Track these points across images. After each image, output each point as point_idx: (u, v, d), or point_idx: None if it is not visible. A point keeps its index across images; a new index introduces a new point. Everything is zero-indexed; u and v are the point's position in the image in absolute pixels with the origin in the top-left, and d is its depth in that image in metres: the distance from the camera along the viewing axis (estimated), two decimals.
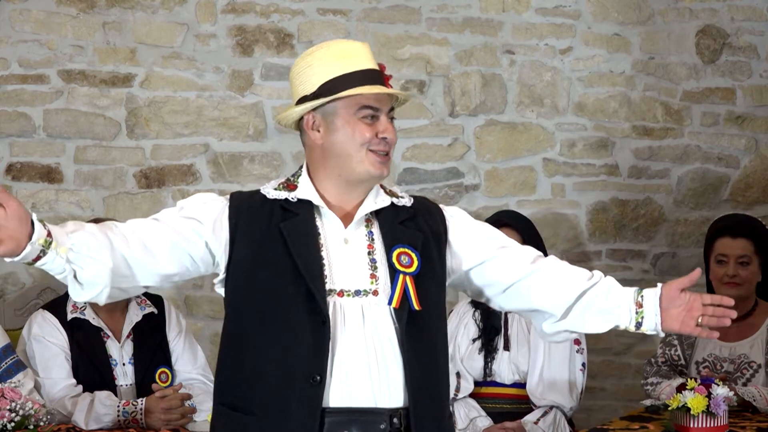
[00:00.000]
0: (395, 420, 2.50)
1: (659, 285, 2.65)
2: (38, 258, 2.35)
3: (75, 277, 2.42)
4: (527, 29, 4.95)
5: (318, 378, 2.47)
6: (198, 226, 2.55)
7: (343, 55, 2.61)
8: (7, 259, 2.32)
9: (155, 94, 4.75)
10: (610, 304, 2.68)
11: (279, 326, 2.50)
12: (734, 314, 2.61)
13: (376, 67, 2.63)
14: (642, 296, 2.66)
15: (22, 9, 4.66)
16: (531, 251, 2.77)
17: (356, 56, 2.61)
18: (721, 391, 3.51)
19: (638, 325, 2.65)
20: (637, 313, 2.65)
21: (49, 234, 2.34)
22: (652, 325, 2.64)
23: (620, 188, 5.05)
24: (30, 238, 2.31)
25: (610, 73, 5.01)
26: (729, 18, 5.05)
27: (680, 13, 5.04)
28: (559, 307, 2.70)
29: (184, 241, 2.53)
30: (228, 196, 2.64)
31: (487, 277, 2.72)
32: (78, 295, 2.45)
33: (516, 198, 4.97)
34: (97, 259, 2.41)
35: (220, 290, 2.65)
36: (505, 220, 4.26)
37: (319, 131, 2.62)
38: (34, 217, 2.34)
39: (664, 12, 5.02)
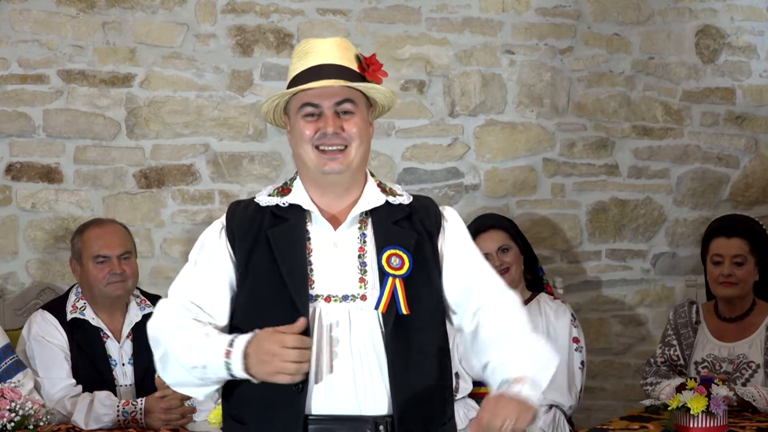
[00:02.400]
0: (381, 427, 2.47)
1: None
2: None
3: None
4: (527, 29, 4.94)
5: (300, 385, 2.44)
6: (215, 274, 2.58)
7: (303, 53, 2.59)
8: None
9: (155, 94, 4.74)
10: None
11: None
12: None
13: (336, 62, 2.55)
14: None
15: (22, 9, 4.66)
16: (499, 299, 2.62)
17: (315, 53, 2.56)
18: (720, 391, 3.51)
19: None
20: None
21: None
22: None
23: (620, 188, 5.05)
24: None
25: (610, 73, 5.01)
26: (728, 18, 5.05)
27: (680, 13, 5.04)
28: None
29: (224, 294, 2.59)
30: (224, 217, 2.64)
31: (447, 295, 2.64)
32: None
33: (516, 198, 4.97)
34: None
35: None
36: (489, 223, 4.29)
37: (290, 132, 2.63)
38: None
39: (664, 12, 5.02)
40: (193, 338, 2.49)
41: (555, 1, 4.96)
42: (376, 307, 2.48)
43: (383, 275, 2.50)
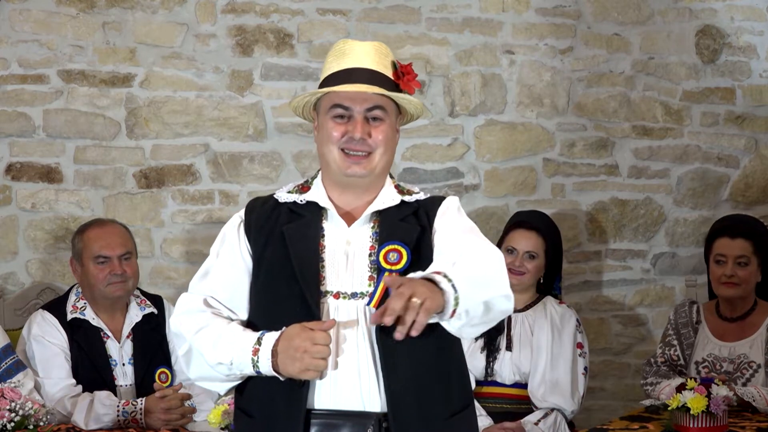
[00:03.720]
0: (384, 424, 2.47)
1: None
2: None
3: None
4: (527, 29, 4.94)
5: (303, 380, 2.46)
6: (235, 268, 2.61)
7: (340, 52, 2.62)
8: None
9: (155, 94, 4.74)
10: None
11: (273, 328, 2.50)
12: None
13: (372, 67, 2.59)
14: None
15: (22, 9, 4.66)
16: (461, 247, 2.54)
17: (352, 55, 2.60)
18: (720, 391, 3.51)
19: None
20: None
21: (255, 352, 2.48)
22: None
23: (620, 188, 5.05)
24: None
25: (610, 73, 5.01)
26: (728, 18, 5.05)
27: (680, 13, 5.04)
28: None
29: (244, 289, 2.61)
30: (243, 211, 2.67)
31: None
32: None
33: (516, 198, 4.96)
34: None
35: None
36: (536, 224, 4.22)
37: (317, 130, 2.65)
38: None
39: (664, 12, 5.02)
40: (219, 335, 2.51)
41: (555, 1, 4.96)
42: (368, 304, 2.48)
43: (380, 271, 2.51)
